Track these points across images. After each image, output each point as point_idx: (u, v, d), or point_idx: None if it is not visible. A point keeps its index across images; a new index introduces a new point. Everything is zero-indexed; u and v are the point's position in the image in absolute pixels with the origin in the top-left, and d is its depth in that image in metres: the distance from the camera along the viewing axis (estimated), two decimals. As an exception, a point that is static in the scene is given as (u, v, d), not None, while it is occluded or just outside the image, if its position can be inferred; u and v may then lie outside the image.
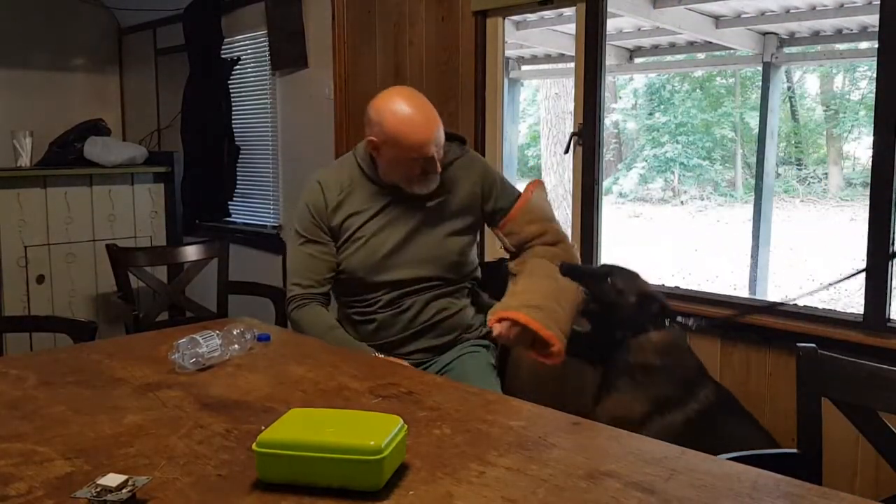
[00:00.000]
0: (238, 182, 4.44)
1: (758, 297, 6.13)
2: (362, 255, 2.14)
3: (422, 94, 2.11)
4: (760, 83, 6.79)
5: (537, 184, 2.32)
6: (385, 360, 1.98)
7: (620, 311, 2.11)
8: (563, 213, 9.73)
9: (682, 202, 13.83)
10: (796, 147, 13.92)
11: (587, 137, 2.79)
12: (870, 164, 2.21)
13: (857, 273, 2.25)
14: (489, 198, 2.24)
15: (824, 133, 13.82)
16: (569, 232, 2.97)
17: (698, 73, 13.11)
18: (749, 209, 9.44)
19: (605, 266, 2.23)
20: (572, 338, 2.08)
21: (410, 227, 2.14)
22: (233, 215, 4.51)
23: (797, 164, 13.87)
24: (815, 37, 5.81)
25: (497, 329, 1.99)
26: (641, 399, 2.03)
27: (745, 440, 2.08)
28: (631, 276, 2.17)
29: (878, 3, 2.17)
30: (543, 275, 2.12)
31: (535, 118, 13.82)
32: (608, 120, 13.38)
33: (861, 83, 13.12)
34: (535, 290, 2.07)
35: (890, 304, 2.20)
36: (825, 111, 13.77)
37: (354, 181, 2.17)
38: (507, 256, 2.32)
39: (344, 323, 2.23)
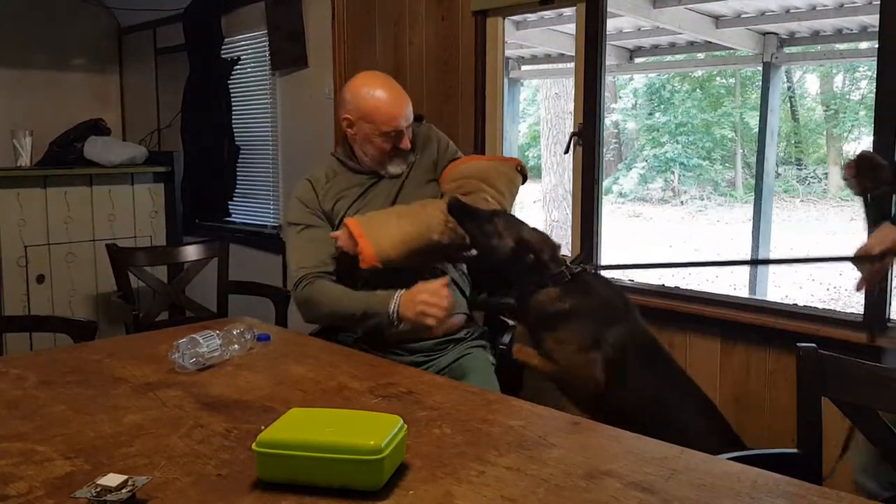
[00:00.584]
0: (238, 182, 4.44)
1: (757, 296, 6.12)
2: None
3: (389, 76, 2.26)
4: (760, 83, 6.79)
5: (506, 160, 2.37)
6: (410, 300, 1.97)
7: (495, 254, 2.05)
8: (564, 213, 9.76)
9: (682, 202, 13.83)
10: (796, 147, 13.93)
11: (587, 137, 2.79)
12: (870, 164, 2.21)
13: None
14: (440, 156, 2.34)
15: (824, 133, 13.83)
16: (569, 232, 2.97)
17: (698, 72, 13.12)
18: (749, 209, 9.44)
19: (494, 210, 2.14)
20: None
21: (389, 203, 2.23)
22: (233, 215, 4.51)
23: (797, 164, 13.88)
24: (815, 37, 5.82)
25: (334, 235, 2.12)
26: (571, 344, 1.99)
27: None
28: (517, 223, 2.11)
29: (878, 3, 2.17)
30: (414, 204, 2.18)
31: (535, 118, 13.83)
32: (608, 120, 13.39)
33: (861, 83, 13.13)
34: (386, 210, 2.17)
35: (890, 305, 2.20)
36: (825, 111, 13.78)
37: (336, 171, 2.30)
38: None
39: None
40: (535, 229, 2.14)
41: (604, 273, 2.30)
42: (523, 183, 2.35)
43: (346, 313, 2.08)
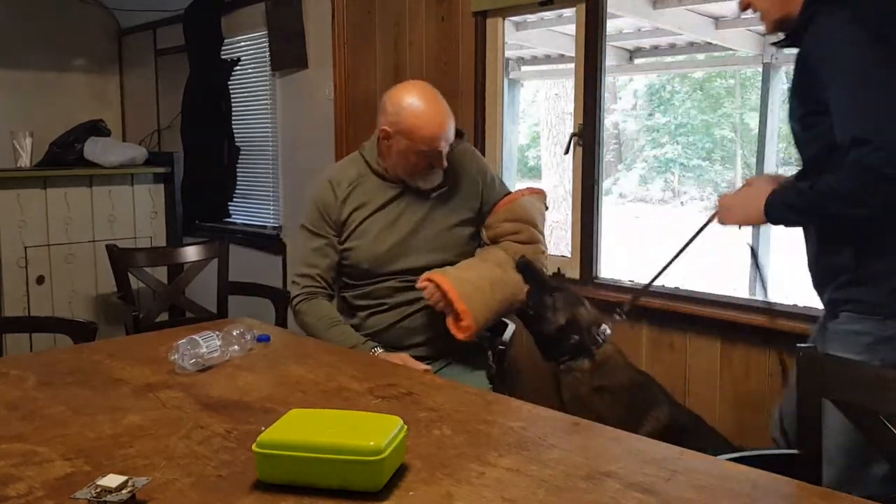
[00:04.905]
0: (238, 182, 4.44)
1: (757, 297, 6.11)
2: (370, 246, 2.16)
3: (436, 89, 2.15)
4: (760, 84, 6.78)
5: (535, 192, 2.33)
6: (385, 358, 1.98)
7: (545, 325, 2.12)
8: (564, 214, 9.75)
9: (682, 203, 13.83)
10: (796, 148, 13.92)
11: (587, 138, 2.79)
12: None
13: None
14: (487, 191, 2.28)
15: (824, 133, 13.80)
16: (569, 232, 2.97)
17: (698, 73, 13.11)
18: (749, 210, 9.40)
19: (558, 283, 2.23)
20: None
21: (418, 218, 2.18)
22: (233, 216, 4.51)
23: (797, 165, 13.86)
24: (816, 37, 5.80)
25: (422, 285, 2.06)
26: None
27: None
28: (573, 302, 2.16)
29: (878, 3, 2.17)
30: (493, 261, 2.15)
31: (535, 119, 13.81)
32: (608, 121, 13.34)
33: (861, 84, 13.11)
34: (474, 269, 2.13)
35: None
36: (825, 112, 13.76)
37: (362, 175, 2.21)
38: None
39: (348, 314, 2.25)
40: (589, 308, 2.17)
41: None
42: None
43: (335, 342, 2.07)
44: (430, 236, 2.18)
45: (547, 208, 2.33)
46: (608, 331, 2.11)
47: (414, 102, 2.07)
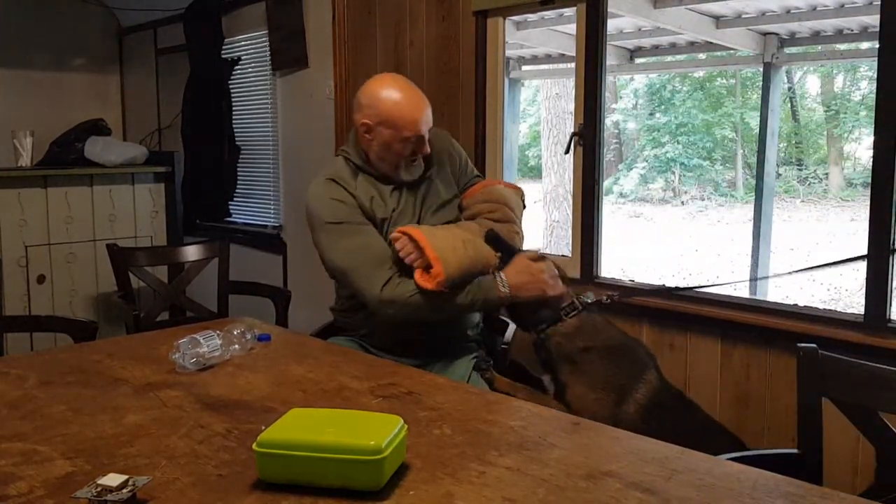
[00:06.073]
0: (238, 182, 4.44)
1: (758, 297, 6.12)
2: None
3: (407, 77, 2.17)
4: (761, 83, 6.78)
5: (512, 187, 2.32)
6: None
7: None
8: (564, 214, 9.77)
9: (682, 202, 13.83)
10: (797, 147, 13.93)
11: (588, 137, 2.79)
12: (870, 164, 2.21)
13: (857, 258, 2.25)
14: (460, 171, 2.28)
15: (825, 133, 13.82)
16: (569, 232, 2.97)
17: (699, 73, 13.11)
18: (749, 209, 9.44)
19: (527, 251, 2.18)
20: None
21: (416, 209, 2.16)
22: (233, 215, 4.51)
23: (798, 165, 13.88)
24: (816, 37, 5.81)
25: (393, 237, 2.02)
26: (590, 388, 1.99)
27: (701, 427, 2.04)
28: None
29: (879, 3, 2.17)
30: (465, 227, 2.14)
31: (535, 118, 13.83)
32: (609, 120, 13.38)
33: (862, 83, 13.12)
34: (448, 229, 2.10)
35: (890, 305, 2.20)
36: (826, 111, 13.77)
37: (353, 173, 2.16)
38: None
39: (341, 316, 2.23)
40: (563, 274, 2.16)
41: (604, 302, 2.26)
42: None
43: (459, 304, 2.03)
44: (439, 218, 2.18)
45: (525, 207, 2.32)
46: (590, 299, 2.09)
47: (389, 91, 2.07)
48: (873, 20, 4.85)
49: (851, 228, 10.74)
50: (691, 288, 2.20)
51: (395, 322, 2.07)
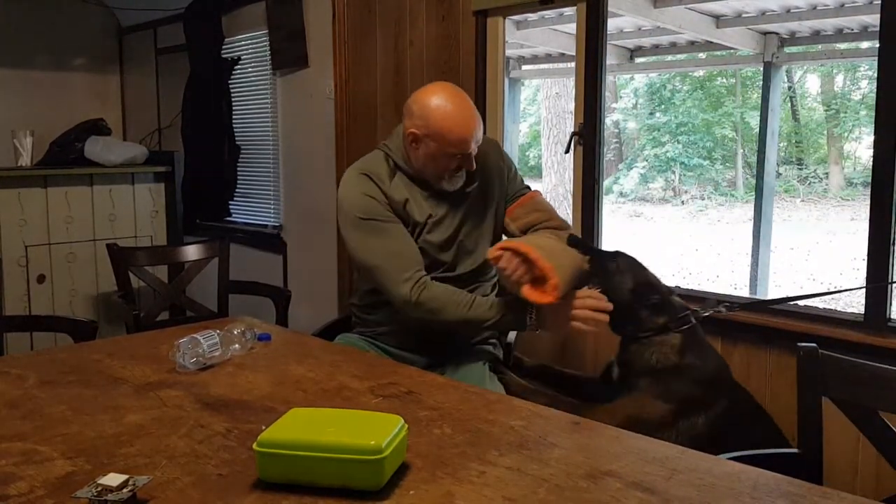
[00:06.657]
0: (238, 182, 4.44)
1: (758, 296, 6.12)
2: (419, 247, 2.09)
3: (462, 90, 2.09)
4: (761, 83, 6.79)
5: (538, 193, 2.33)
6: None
7: (617, 293, 2.03)
8: (564, 213, 9.77)
9: (682, 202, 13.83)
10: (797, 147, 13.93)
11: (588, 137, 2.79)
12: (871, 163, 2.21)
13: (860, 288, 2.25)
14: (509, 182, 2.23)
15: (825, 133, 13.82)
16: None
17: (699, 72, 13.12)
18: (749, 209, 9.44)
19: (617, 251, 2.16)
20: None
21: (459, 219, 2.12)
22: (233, 215, 4.51)
23: (798, 164, 13.88)
24: (816, 36, 5.82)
25: (493, 255, 1.91)
26: (664, 400, 1.96)
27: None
28: (636, 265, 2.11)
29: (879, 2, 2.17)
30: (547, 235, 2.11)
31: (535, 118, 13.83)
32: (609, 119, 13.39)
33: (862, 83, 13.13)
34: (538, 236, 2.07)
35: (890, 304, 2.20)
36: (826, 111, 13.78)
37: (392, 172, 2.12)
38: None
39: (360, 311, 2.22)
40: (645, 267, 2.13)
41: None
42: None
43: (478, 319, 1.99)
44: (474, 236, 2.14)
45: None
46: (702, 312, 2.07)
47: (442, 104, 2.00)
48: (873, 20, 4.85)
49: (852, 228, 10.74)
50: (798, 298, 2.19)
51: (419, 322, 2.04)
